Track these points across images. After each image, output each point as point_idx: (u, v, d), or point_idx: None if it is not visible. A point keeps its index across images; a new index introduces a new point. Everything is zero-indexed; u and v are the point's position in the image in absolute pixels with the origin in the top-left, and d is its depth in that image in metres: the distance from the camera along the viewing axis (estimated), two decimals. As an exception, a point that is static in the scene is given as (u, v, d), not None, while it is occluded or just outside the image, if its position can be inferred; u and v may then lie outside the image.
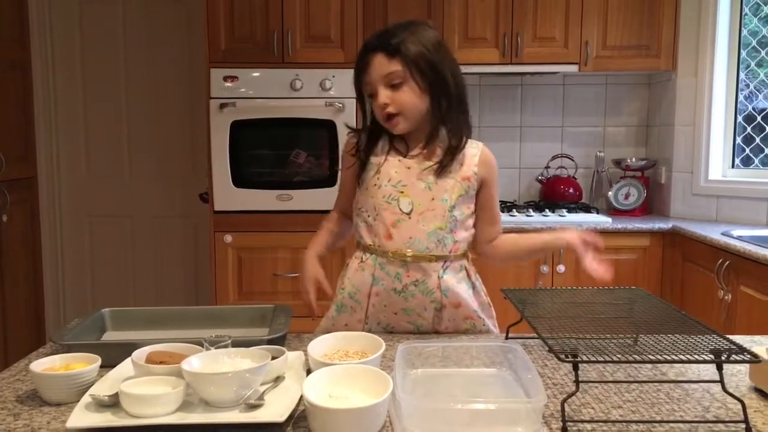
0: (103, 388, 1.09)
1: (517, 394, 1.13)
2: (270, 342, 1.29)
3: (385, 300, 1.56)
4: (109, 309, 1.54)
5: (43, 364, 1.14)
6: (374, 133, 1.59)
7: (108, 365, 1.18)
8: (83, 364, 1.16)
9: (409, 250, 1.52)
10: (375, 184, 1.55)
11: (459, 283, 1.58)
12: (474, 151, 1.58)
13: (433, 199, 1.53)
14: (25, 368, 1.27)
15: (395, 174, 1.54)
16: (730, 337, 1.16)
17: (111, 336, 1.50)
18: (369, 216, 1.57)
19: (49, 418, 1.05)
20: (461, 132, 1.55)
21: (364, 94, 1.55)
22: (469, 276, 1.62)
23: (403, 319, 1.57)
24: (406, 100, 1.50)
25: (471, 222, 1.61)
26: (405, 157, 1.56)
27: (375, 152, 1.58)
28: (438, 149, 1.55)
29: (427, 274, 1.54)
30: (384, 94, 1.49)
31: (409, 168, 1.54)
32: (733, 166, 3.44)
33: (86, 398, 1.06)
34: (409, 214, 1.53)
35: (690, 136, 3.48)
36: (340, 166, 1.70)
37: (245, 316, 1.56)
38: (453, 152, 1.54)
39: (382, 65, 1.49)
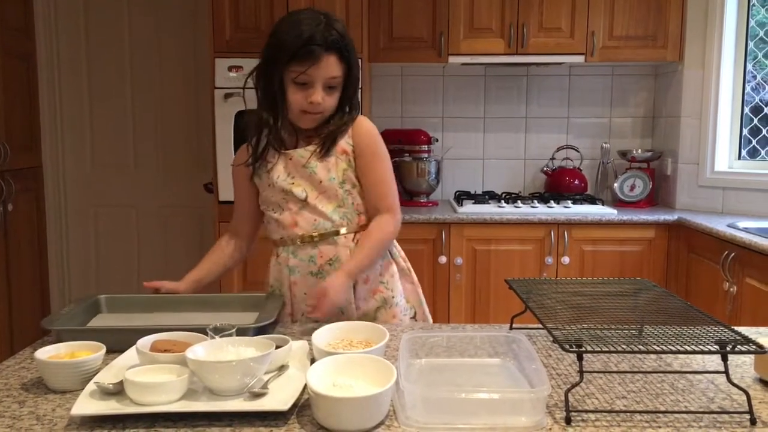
0: (107, 376, 1.09)
1: (521, 384, 1.13)
2: (260, 329, 1.32)
3: (304, 287, 1.60)
4: (104, 295, 1.57)
5: (48, 352, 1.15)
6: (264, 128, 1.60)
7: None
8: (88, 352, 1.16)
9: (315, 233, 1.58)
10: (269, 184, 1.61)
11: None
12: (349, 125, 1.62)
13: (321, 182, 1.58)
14: (30, 356, 1.28)
15: (283, 169, 1.59)
16: (735, 328, 1.15)
17: (103, 319, 1.51)
18: (275, 212, 1.62)
19: (54, 405, 1.06)
20: (346, 116, 1.60)
21: (287, 79, 1.53)
22: None
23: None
24: (333, 104, 1.57)
25: None
26: (290, 149, 1.60)
27: (265, 155, 1.61)
28: (316, 135, 1.61)
29: (338, 250, 1.58)
30: (320, 93, 1.52)
31: (291, 159, 1.59)
32: (739, 158, 3.42)
33: (91, 386, 1.06)
34: (305, 200, 1.58)
35: (696, 128, 3.46)
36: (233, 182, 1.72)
37: (238, 303, 1.58)
38: (334, 138, 1.58)
39: (333, 67, 1.52)
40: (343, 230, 1.59)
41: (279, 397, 1.03)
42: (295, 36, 1.49)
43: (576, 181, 3.70)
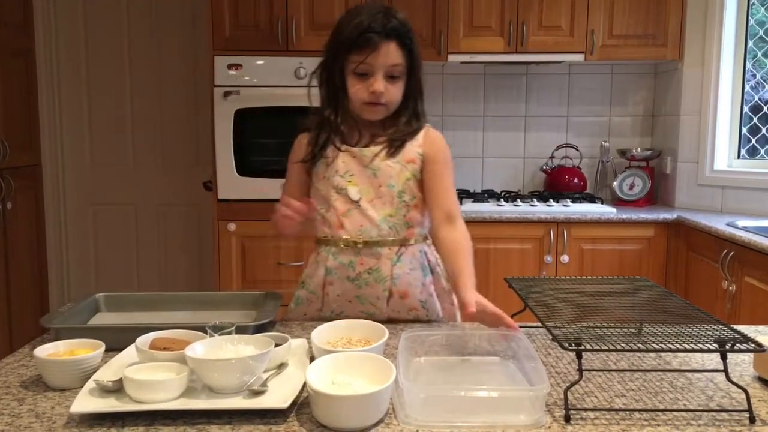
0: (107, 374, 1.09)
1: (519, 382, 1.13)
2: (259, 327, 1.32)
3: (339, 289, 1.57)
4: (102, 294, 1.57)
5: (47, 350, 1.15)
6: (326, 124, 1.56)
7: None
8: (87, 350, 1.16)
9: (360, 238, 1.54)
10: (325, 177, 1.56)
11: (412, 271, 1.57)
12: (419, 132, 1.58)
13: (380, 186, 1.53)
14: (29, 354, 1.28)
15: (342, 164, 1.54)
16: (735, 326, 1.15)
17: (102, 317, 1.52)
18: (322, 208, 1.57)
19: (53, 403, 1.06)
20: (415, 122, 1.56)
21: (347, 70, 1.50)
22: (428, 261, 1.61)
23: (358, 307, 1.57)
24: (396, 96, 1.51)
25: None
26: (353, 146, 1.55)
27: (324, 153, 1.56)
28: (383, 134, 1.56)
29: (380, 262, 1.54)
30: (381, 82, 1.48)
31: (355, 157, 1.54)
32: (738, 157, 3.42)
33: (90, 383, 1.06)
34: (358, 202, 1.54)
35: (696, 127, 3.46)
36: (289, 161, 1.64)
37: (236, 302, 1.58)
38: (402, 140, 1.54)
39: (393, 55, 1.47)
40: (390, 238, 1.54)
41: (278, 395, 1.03)
42: (354, 26, 1.47)
43: (575, 180, 3.70)
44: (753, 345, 1.04)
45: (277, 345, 1.13)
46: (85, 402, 1.01)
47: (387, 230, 1.54)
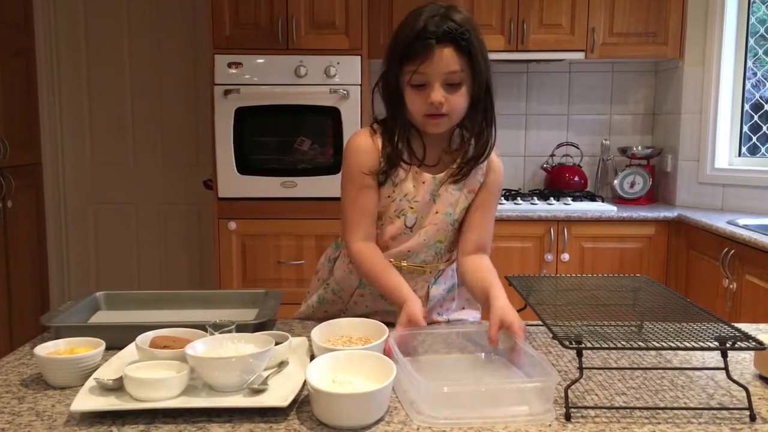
0: (107, 372, 1.09)
1: (518, 377, 1.13)
2: (260, 326, 1.32)
3: (368, 301, 1.54)
4: (102, 292, 1.57)
5: (48, 348, 1.15)
6: (392, 140, 1.43)
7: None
8: (87, 348, 1.16)
9: (404, 262, 1.49)
10: (389, 196, 1.46)
11: (442, 291, 1.55)
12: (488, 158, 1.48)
13: (437, 212, 1.46)
14: (29, 352, 1.28)
15: (412, 189, 1.44)
16: (735, 325, 1.15)
17: (102, 316, 1.52)
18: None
19: (53, 401, 1.06)
20: (487, 143, 1.44)
21: (403, 81, 1.38)
22: (456, 278, 1.59)
23: (384, 317, 1.48)
24: (459, 104, 1.37)
25: None
26: (420, 165, 1.45)
27: (396, 165, 1.44)
28: (452, 156, 1.47)
29: (418, 284, 1.49)
30: (440, 92, 1.34)
31: (424, 182, 1.44)
32: (739, 155, 3.42)
33: (90, 382, 1.06)
34: (411, 227, 1.47)
35: (696, 125, 3.46)
36: (348, 182, 1.47)
37: (236, 300, 1.58)
38: (473, 164, 1.44)
39: (449, 61, 1.33)
40: (432, 265, 1.50)
41: (278, 394, 1.03)
42: (408, 31, 1.35)
43: (576, 178, 3.70)
44: (754, 343, 1.04)
45: (277, 343, 1.13)
46: (86, 400, 1.01)
47: (432, 256, 1.50)
